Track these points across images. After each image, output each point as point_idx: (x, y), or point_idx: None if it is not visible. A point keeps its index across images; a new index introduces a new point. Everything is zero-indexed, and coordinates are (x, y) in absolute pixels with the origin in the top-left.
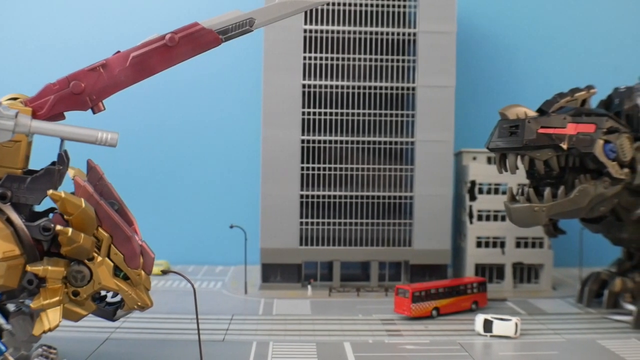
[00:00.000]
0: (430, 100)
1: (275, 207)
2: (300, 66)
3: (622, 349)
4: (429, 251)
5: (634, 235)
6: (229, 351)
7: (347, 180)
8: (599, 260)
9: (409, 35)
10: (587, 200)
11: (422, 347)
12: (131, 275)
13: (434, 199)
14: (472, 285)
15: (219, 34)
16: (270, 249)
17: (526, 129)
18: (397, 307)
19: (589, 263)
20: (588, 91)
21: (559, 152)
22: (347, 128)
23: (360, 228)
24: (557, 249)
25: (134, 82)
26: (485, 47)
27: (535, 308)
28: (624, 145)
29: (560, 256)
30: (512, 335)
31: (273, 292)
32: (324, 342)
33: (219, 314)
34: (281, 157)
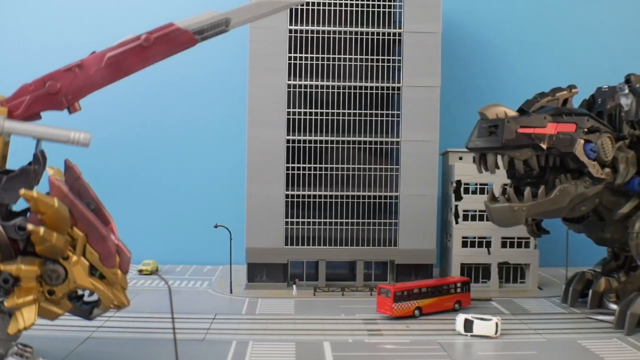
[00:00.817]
0: (415, 100)
1: (260, 207)
2: (285, 66)
3: (602, 349)
4: (414, 251)
5: (616, 235)
6: (207, 350)
7: (332, 180)
8: (586, 260)
9: (394, 35)
10: (567, 200)
11: (401, 347)
12: (107, 274)
13: (419, 199)
14: (455, 285)
15: (195, 34)
16: (256, 248)
17: (505, 128)
18: (379, 307)
19: (577, 263)
20: (570, 91)
21: (539, 152)
22: (332, 128)
23: (346, 228)
24: (544, 249)
25: (110, 82)
26: (470, 48)
27: (520, 308)
28: (605, 144)
29: (548, 256)
30: (493, 335)
31: (258, 291)
32: (303, 342)
33: (202, 313)
34: (267, 157)
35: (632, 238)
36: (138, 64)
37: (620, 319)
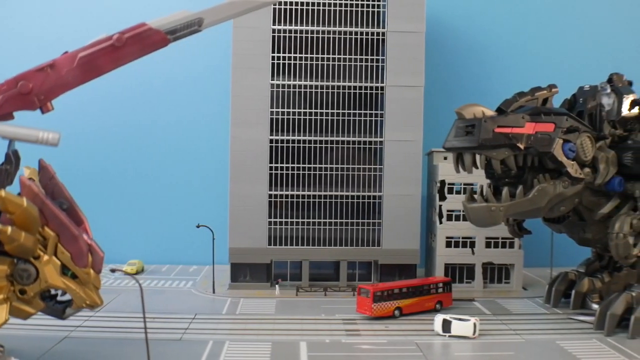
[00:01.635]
0: (399, 100)
1: (244, 207)
2: (268, 66)
3: (579, 350)
4: (398, 251)
5: (598, 235)
6: (183, 350)
7: (315, 180)
8: (573, 260)
9: (377, 35)
10: (545, 200)
11: (377, 347)
12: (79, 273)
13: (403, 199)
14: (436, 285)
15: (167, 34)
16: (239, 248)
17: (482, 128)
18: (359, 307)
19: (563, 263)
20: (550, 90)
21: (516, 152)
22: (315, 128)
23: (329, 228)
24: (530, 249)
25: (82, 82)
26: (455, 47)
27: (502, 308)
28: (584, 144)
29: (534, 256)
30: (471, 335)
31: (241, 291)
32: (280, 342)
33: (182, 313)
34: (250, 157)
35: (612, 238)
36: (110, 64)
37: (601, 319)
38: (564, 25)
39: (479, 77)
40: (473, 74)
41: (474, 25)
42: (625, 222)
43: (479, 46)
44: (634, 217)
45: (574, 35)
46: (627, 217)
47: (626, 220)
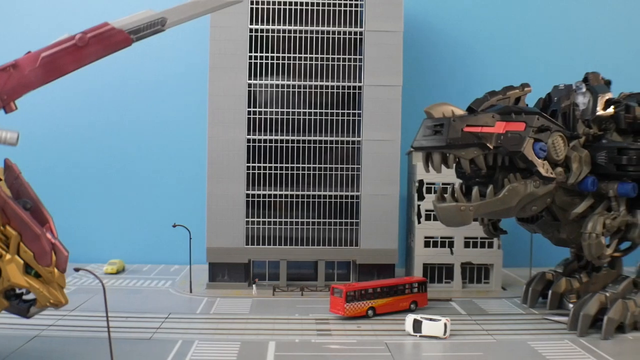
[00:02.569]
0: (377, 99)
1: (221, 207)
2: (246, 66)
3: (549, 350)
4: (376, 251)
5: (572, 235)
6: (151, 349)
7: (293, 179)
8: (555, 261)
9: (355, 34)
10: (516, 200)
11: (346, 347)
12: (42, 272)
13: (380, 199)
14: (411, 285)
15: (130, 34)
16: (217, 248)
17: (450, 127)
18: (332, 307)
19: (545, 263)
20: (522, 89)
21: (486, 151)
22: (293, 127)
23: (307, 227)
24: (512, 249)
25: (45, 82)
26: (432, 47)
27: (478, 308)
28: (556, 143)
29: (517, 256)
30: (441, 335)
31: (219, 291)
32: (249, 341)
33: (156, 313)
34: (227, 157)
35: (585, 238)
36: (73, 64)
37: (574, 320)
38: (544, 23)
39: (458, 76)
40: (451, 73)
41: (452, 25)
42: (598, 222)
43: (457, 46)
44: (607, 217)
45: (553, 34)
46: (600, 217)
47: (599, 220)
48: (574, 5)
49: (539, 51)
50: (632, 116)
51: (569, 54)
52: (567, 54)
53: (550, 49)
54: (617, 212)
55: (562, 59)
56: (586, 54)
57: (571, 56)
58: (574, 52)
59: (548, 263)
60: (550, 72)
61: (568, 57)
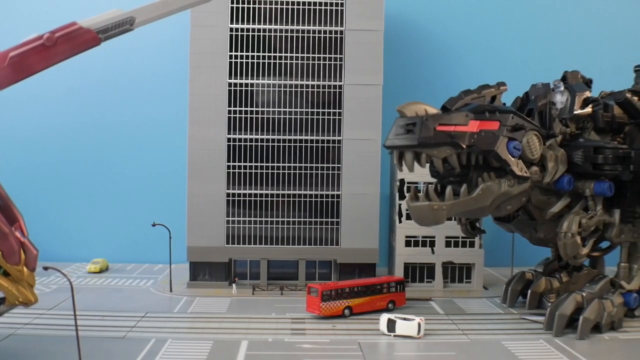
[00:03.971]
0: (357, 98)
1: (201, 206)
2: (226, 65)
3: (522, 350)
4: (356, 250)
5: (549, 234)
6: (122, 348)
7: (274, 179)
8: (538, 260)
9: (336, 33)
10: (490, 199)
11: (318, 346)
12: (11, 271)
13: (361, 198)
14: (388, 285)
15: (98, 33)
16: (197, 247)
17: (422, 126)
18: (308, 306)
19: (528, 263)
20: (498, 88)
21: (459, 150)
22: (273, 127)
23: (287, 227)
24: (496, 248)
25: (13, 82)
26: (413, 45)
27: (457, 308)
28: (531, 142)
29: (500, 256)
30: (415, 335)
31: (200, 290)
32: (222, 340)
33: (134, 311)
34: (207, 156)
35: (561, 238)
36: (41, 63)
37: (550, 320)
38: (525, 22)
39: (439, 75)
40: (432, 72)
41: (433, 24)
42: (573, 221)
43: (438, 45)
44: (583, 216)
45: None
46: (576, 216)
47: (574, 220)
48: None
49: (523, 49)
50: (610, 115)
51: (552, 53)
52: (550, 53)
53: (534, 47)
54: (593, 212)
55: (546, 57)
56: (570, 53)
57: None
58: (558, 50)
59: (532, 262)
60: (534, 70)
61: (552, 56)
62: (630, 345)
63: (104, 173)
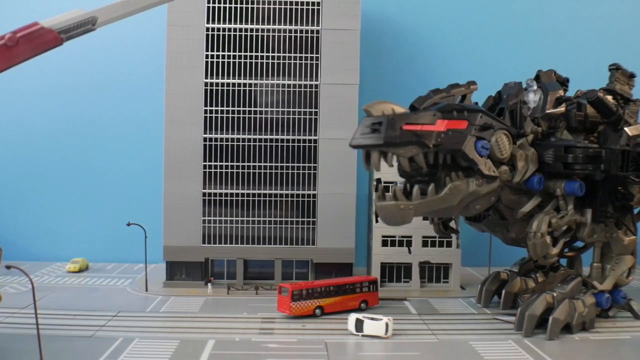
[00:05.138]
0: (334, 97)
1: (178, 205)
2: (202, 64)
3: (489, 350)
4: (332, 250)
5: (521, 234)
6: (88, 347)
7: (250, 178)
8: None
9: (312, 32)
10: (458, 199)
11: (284, 346)
12: None
13: (337, 198)
14: (361, 284)
15: (60, 33)
16: (174, 246)
17: (388, 125)
18: (279, 306)
19: (506, 263)
20: (468, 87)
21: (425, 149)
22: (249, 126)
23: (264, 226)
24: (476, 248)
25: None
26: (390, 45)
27: (431, 308)
28: (500, 141)
29: (480, 256)
30: (383, 335)
31: (176, 289)
32: (189, 340)
33: (106, 311)
34: (184, 155)
35: (530, 237)
36: (2, 63)
37: (520, 320)
38: (503, 20)
39: (415, 74)
40: (409, 71)
41: (409, 23)
42: (543, 221)
43: (415, 44)
44: (553, 215)
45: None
46: (546, 215)
47: (544, 219)
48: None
49: (502, 48)
50: (583, 114)
51: (533, 52)
52: (531, 52)
53: (514, 46)
54: (565, 211)
55: (527, 56)
56: (551, 51)
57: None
58: (540, 49)
59: (512, 262)
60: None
61: (533, 55)
62: (599, 345)
63: (82, 172)
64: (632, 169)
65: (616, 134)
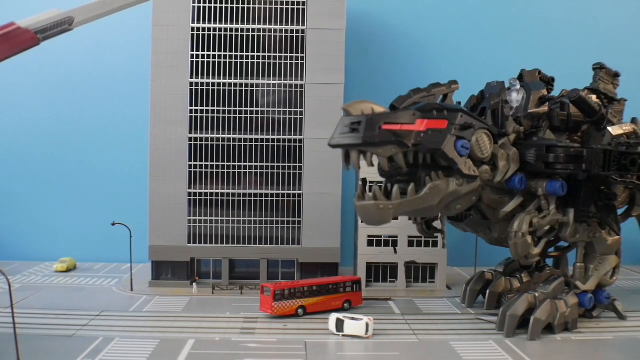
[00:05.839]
0: (319, 97)
1: (163, 205)
2: (187, 64)
3: (468, 351)
4: (318, 249)
5: (503, 234)
6: (67, 346)
7: (236, 178)
8: None
9: (298, 32)
10: (438, 198)
11: (264, 346)
12: None
13: (323, 197)
14: (344, 284)
15: (37, 33)
16: (159, 246)
17: (367, 125)
18: (262, 306)
19: (494, 262)
20: (449, 87)
21: (404, 149)
22: (235, 126)
23: (250, 226)
24: (464, 248)
25: None
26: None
27: (415, 308)
28: (480, 141)
29: (467, 256)
30: (363, 335)
31: (161, 289)
32: (169, 339)
33: (88, 310)
34: (169, 155)
35: (511, 237)
36: None
37: (502, 320)
38: (490, 19)
39: (401, 74)
40: (394, 71)
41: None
42: (524, 220)
43: (400, 43)
44: (535, 215)
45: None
46: (527, 215)
47: (525, 219)
48: None
49: (487, 47)
50: (567, 113)
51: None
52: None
53: (500, 45)
54: (547, 211)
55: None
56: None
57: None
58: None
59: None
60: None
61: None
62: (580, 346)
63: (70, 172)
64: (615, 168)
65: (599, 134)
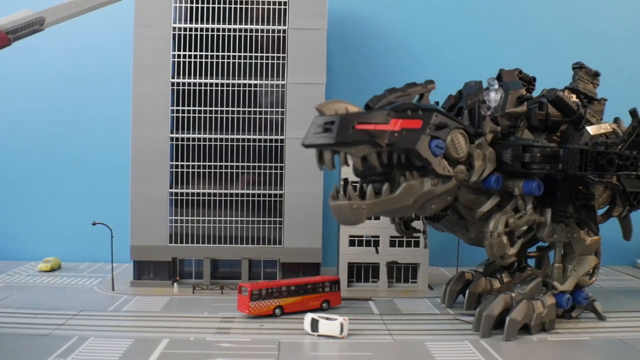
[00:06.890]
0: (300, 97)
1: (145, 205)
2: (169, 64)
3: (442, 351)
4: (299, 249)
5: (480, 234)
6: (41, 345)
7: (217, 178)
8: None
9: (278, 32)
10: (412, 198)
11: (237, 345)
12: None
13: (304, 197)
14: (322, 284)
15: (8, 34)
16: (141, 246)
17: (340, 125)
18: (239, 306)
19: (477, 262)
20: (425, 86)
21: (378, 149)
22: (216, 126)
23: (231, 226)
24: (448, 248)
25: None
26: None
27: (394, 308)
28: (456, 141)
29: (452, 256)
30: (338, 335)
31: (142, 289)
32: (143, 339)
33: (67, 310)
34: (150, 155)
35: (487, 237)
36: None
37: (478, 320)
38: (475, 18)
39: (383, 73)
40: (376, 71)
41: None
42: (500, 220)
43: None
44: (511, 215)
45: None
46: (503, 215)
47: (501, 219)
48: None
49: (471, 48)
50: (545, 113)
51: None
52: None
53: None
54: (524, 211)
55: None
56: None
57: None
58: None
59: None
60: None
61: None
62: (556, 346)
63: (53, 171)
64: (592, 168)
65: (578, 133)
